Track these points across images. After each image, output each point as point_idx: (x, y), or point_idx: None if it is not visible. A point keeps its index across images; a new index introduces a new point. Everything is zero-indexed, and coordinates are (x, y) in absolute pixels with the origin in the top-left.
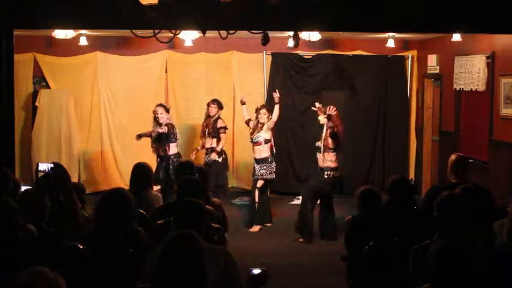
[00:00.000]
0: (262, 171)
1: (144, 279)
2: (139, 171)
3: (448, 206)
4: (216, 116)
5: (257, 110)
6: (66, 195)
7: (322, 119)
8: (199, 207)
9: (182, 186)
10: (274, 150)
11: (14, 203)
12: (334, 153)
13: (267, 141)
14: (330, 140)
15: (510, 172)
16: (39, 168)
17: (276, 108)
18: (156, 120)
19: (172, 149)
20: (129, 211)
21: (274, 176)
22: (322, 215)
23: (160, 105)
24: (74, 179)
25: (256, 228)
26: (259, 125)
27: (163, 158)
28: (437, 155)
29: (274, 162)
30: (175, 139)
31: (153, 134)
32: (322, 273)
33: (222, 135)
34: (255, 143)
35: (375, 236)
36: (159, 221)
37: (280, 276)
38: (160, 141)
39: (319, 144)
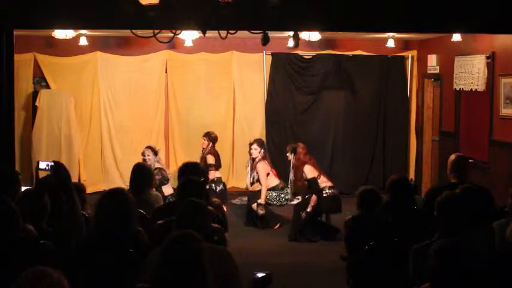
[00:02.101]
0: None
1: (144, 279)
2: (140, 171)
3: (448, 206)
4: (207, 150)
5: (250, 145)
6: (66, 195)
7: (289, 155)
8: (200, 207)
9: (183, 186)
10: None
11: (13, 203)
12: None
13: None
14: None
15: (510, 172)
16: (40, 167)
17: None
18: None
19: (167, 190)
20: (129, 211)
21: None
22: None
23: (149, 147)
24: (74, 179)
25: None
26: (254, 163)
27: None
28: (437, 155)
29: (286, 189)
30: (167, 180)
31: None
32: (322, 273)
33: (210, 173)
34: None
35: (375, 236)
36: (159, 221)
37: (280, 276)
38: None
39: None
